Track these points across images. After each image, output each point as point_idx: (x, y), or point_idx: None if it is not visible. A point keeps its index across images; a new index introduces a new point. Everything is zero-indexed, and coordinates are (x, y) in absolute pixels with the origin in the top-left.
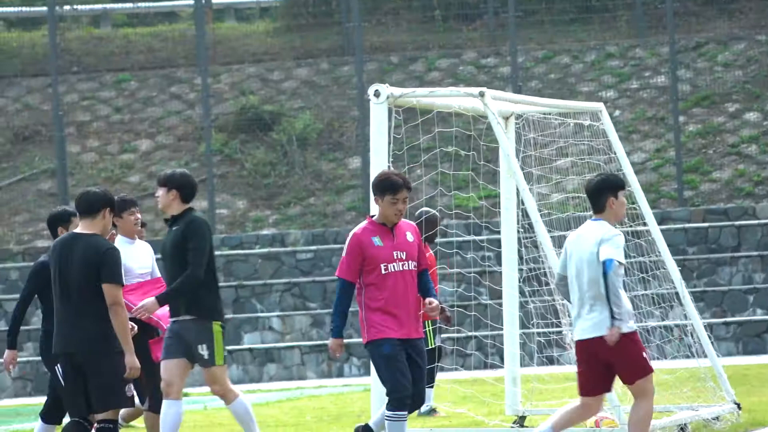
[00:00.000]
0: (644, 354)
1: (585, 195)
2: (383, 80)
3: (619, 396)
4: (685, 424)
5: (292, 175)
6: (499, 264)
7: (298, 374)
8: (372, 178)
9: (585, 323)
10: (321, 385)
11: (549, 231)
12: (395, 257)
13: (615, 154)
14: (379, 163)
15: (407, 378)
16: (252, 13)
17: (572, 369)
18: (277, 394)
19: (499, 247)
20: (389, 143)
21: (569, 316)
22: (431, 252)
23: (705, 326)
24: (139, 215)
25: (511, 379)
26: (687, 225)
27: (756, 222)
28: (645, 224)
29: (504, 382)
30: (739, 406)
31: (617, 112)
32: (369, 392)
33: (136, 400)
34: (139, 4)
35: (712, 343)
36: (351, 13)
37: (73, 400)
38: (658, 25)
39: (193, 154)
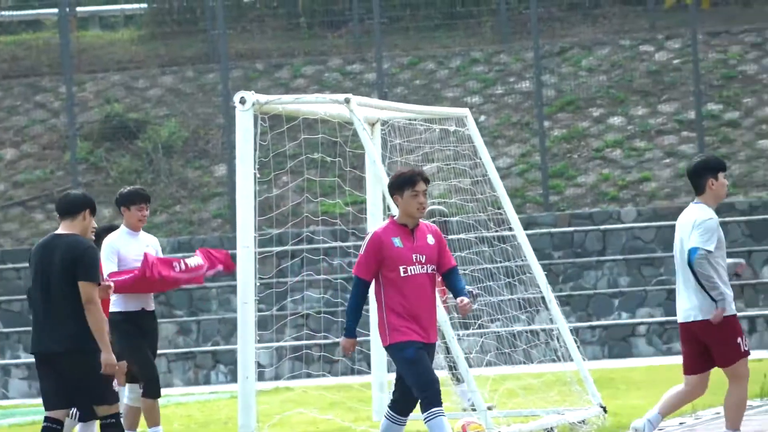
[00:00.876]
0: (740, 339)
1: (687, 175)
2: (249, 87)
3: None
4: (551, 428)
5: (158, 183)
6: None
7: (164, 382)
8: (239, 186)
9: (685, 304)
10: (188, 393)
11: None
12: (415, 260)
13: (480, 159)
14: (245, 170)
15: (433, 374)
16: (117, 22)
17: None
18: None
19: None
20: (255, 150)
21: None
22: None
23: (571, 330)
24: (146, 212)
25: (378, 385)
26: (553, 230)
27: (621, 226)
28: (511, 229)
29: (371, 388)
30: (604, 410)
31: (482, 118)
32: (236, 399)
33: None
34: (2, 13)
35: (578, 346)
36: (216, 20)
37: (48, 398)
38: (522, 31)
39: (58, 162)
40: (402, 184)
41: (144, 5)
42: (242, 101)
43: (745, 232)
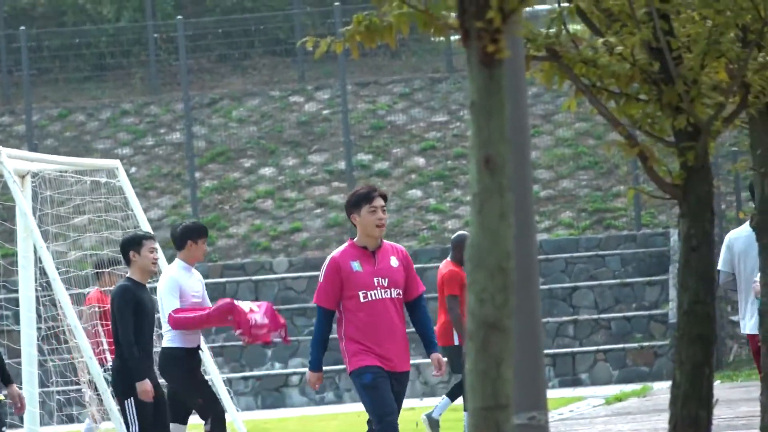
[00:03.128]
0: None
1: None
2: None
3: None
4: None
5: None
6: (18, 323)
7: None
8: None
9: (753, 319)
10: None
11: (67, 288)
12: (376, 284)
13: (132, 210)
14: None
15: (391, 405)
16: None
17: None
18: None
19: (17, 305)
20: None
21: (89, 374)
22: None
23: (224, 381)
24: (206, 247)
25: None
26: (206, 281)
27: (273, 276)
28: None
29: None
30: None
31: (134, 169)
32: None
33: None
34: None
35: (231, 397)
36: None
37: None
38: (172, 82)
39: None
40: (358, 201)
41: None
42: None
43: None
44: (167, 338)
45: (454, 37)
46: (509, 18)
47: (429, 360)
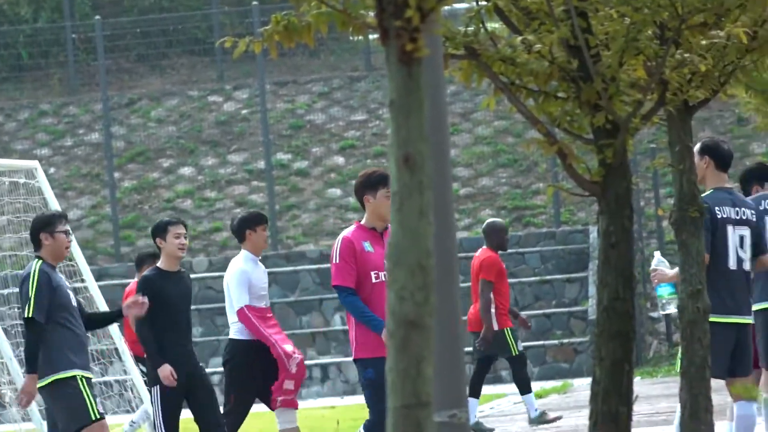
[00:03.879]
0: None
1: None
2: None
3: None
4: None
5: None
6: None
7: None
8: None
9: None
10: None
11: None
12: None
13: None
14: None
15: None
16: None
17: (14, 427)
18: None
19: None
20: None
21: (8, 374)
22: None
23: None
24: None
25: None
26: (124, 280)
27: (193, 276)
28: (83, 280)
29: None
30: None
31: (52, 170)
32: None
33: None
34: None
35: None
36: None
37: None
38: (91, 83)
39: None
40: (376, 182)
41: None
42: None
43: (316, 280)
44: (234, 330)
45: (373, 36)
46: (428, 17)
47: (351, 359)
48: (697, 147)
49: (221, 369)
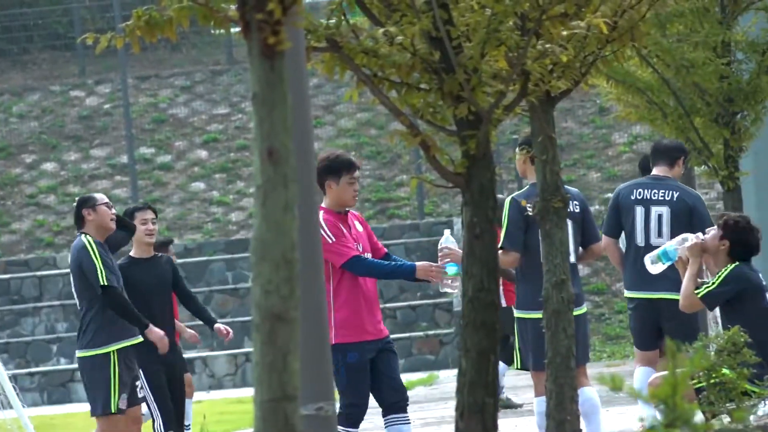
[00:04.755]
0: None
1: None
2: None
3: None
4: None
5: None
6: None
7: None
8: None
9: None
10: None
11: None
12: (356, 249)
13: None
14: None
15: (366, 396)
16: None
17: None
18: None
19: None
20: None
21: None
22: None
23: (10, 377)
24: None
25: None
26: None
27: (57, 272)
28: None
29: None
30: None
31: None
32: None
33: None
34: None
35: (17, 393)
36: None
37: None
38: None
39: None
40: (338, 168)
41: None
42: None
43: (182, 273)
44: None
45: (235, 30)
46: (289, 9)
47: (216, 353)
48: (519, 141)
49: (73, 366)
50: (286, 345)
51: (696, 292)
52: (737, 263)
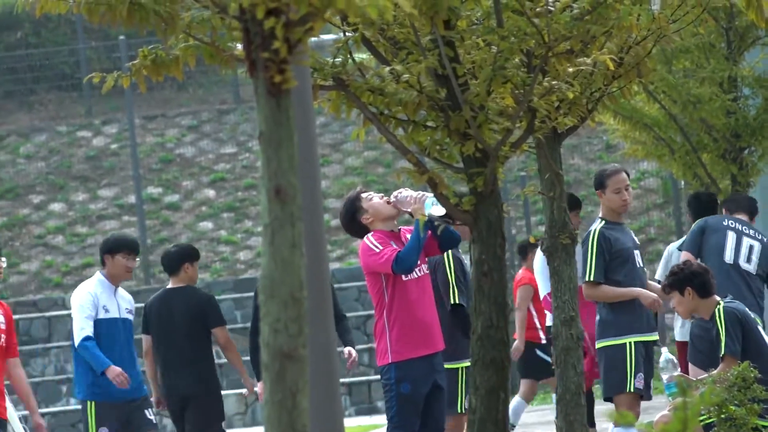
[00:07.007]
0: None
1: None
2: None
3: None
4: None
5: None
6: None
7: None
8: None
9: (685, 327)
10: None
11: None
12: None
13: None
14: None
15: (416, 426)
16: None
17: None
18: None
19: None
20: None
21: None
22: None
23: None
24: None
25: None
26: None
27: (66, 312)
28: None
29: None
30: None
31: None
32: None
33: None
34: None
35: None
36: None
37: None
38: None
39: None
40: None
41: None
42: None
43: None
44: None
45: (241, 69)
46: (295, 48)
47: (226, 392)
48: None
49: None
50: (295, 383)
51: (721, 356)
52: (718, 303)
